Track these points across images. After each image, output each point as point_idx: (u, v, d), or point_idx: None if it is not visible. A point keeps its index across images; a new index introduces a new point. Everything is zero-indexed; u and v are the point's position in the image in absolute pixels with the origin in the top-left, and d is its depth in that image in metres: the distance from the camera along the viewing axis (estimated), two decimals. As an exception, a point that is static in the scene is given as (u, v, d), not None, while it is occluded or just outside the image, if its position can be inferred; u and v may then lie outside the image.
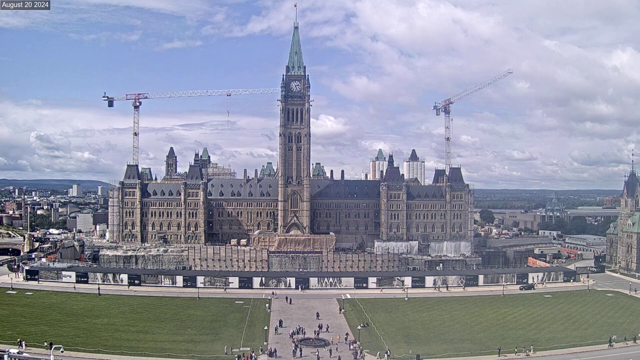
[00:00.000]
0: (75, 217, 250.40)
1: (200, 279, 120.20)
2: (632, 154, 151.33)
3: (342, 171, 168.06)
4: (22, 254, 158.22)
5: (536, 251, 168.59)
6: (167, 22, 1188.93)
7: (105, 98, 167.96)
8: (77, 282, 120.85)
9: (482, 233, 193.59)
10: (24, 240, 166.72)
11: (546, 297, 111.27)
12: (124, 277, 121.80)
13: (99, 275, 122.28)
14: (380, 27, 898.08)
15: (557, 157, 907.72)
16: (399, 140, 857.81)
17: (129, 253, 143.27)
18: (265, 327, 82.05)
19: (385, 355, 69.30)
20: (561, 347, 74.11)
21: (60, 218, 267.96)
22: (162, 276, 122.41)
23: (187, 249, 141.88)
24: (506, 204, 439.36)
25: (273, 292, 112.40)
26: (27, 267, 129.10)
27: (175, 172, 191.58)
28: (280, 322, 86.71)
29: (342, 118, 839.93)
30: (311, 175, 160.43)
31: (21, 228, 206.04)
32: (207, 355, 69.25)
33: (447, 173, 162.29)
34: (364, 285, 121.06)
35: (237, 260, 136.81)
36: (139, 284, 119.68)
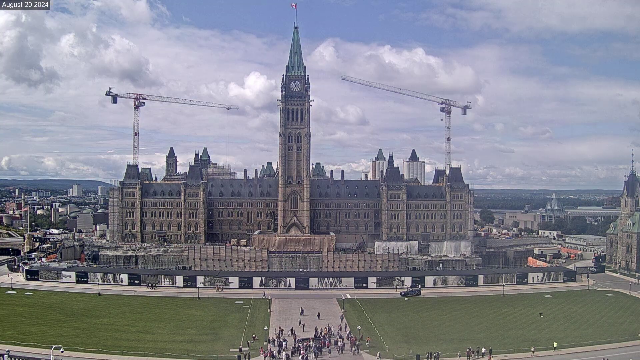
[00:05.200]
0: (75, 217, 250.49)
1: (200, 279, 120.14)
2: (632, 154, 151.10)
3: (342, 171, 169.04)
4: (22, 254, 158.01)
5: (536, 251, 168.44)
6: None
7: (110, 94, 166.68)
8: (77, 282, 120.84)
9: (482, 233, 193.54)
10: (24, 240, 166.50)
11: (546, 297, 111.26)
12: (124, 277, 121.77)
13: (99, 275, 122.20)
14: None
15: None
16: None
17: (129, 253, 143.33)
18: (265, 327, 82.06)
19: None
20: (561, 347, 74.12)
21: (60, 218, 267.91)
22: (162, 276, 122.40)
23: (187, 249, 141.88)
24: (506, 204, 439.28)
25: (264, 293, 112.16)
26: (27, 267, 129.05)
27: (175, 172, 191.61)
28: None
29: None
30: (311, 175, 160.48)
31: (21, 228, 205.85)
32: (207, 355, 69.23)
33: (447, 173, 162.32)
34: (364, 285, 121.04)
35: (237, 260, 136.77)
36: (138, 284, 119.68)
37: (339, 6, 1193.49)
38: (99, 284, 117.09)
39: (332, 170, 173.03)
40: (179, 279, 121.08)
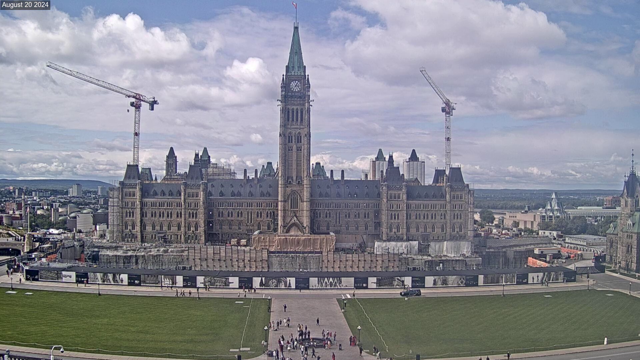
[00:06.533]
0: (75, 217, 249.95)
1: (200, 279, 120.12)
2: (632, 154, 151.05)
3: (342, 171, 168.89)
4: (22, 254, 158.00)
5: (536, 251, 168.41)
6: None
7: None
8: (77, 282, 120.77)
9: (482, 233, 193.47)
10: (24, 240, 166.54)
11: (546, 297, 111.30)
12: (124, 277, 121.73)
13: (99, 275, 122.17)
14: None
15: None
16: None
17: (129, 253, 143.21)
18: (265, 327, 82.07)
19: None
20: (561, 347, 74.10)
21: (60, 218, 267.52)
22: (162, 276, 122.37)
23: (187, 249, 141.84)
24: (506, 204, 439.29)
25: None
26: (27, 267, 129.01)
27: (175, 172, 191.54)
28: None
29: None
30: (311, 175, 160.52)
31: (21, 228, 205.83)
32: (207, 355, 69.24)
33: (447, 173, 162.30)
34: (364, 285, 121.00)
35: (237, 260, 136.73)
36: (139, 284, 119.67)
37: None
38: (99, 284, 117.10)
39: (332, 170, 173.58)
40: (179, 279, 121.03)
